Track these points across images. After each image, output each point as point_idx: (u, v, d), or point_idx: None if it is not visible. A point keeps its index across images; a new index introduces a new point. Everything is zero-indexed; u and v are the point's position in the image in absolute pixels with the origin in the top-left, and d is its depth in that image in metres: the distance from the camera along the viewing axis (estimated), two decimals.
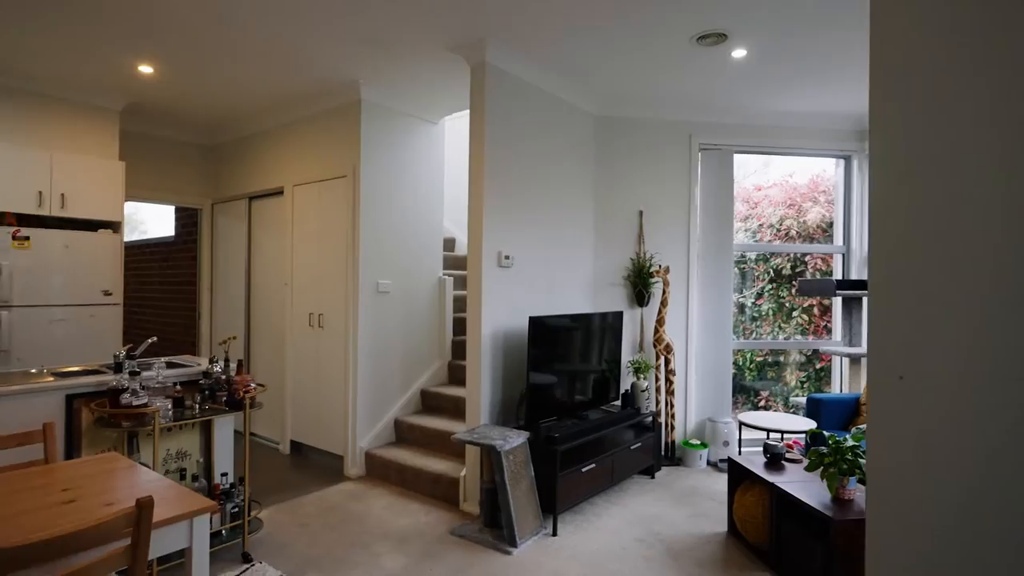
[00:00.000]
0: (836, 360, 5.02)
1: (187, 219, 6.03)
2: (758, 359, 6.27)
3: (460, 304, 5.00)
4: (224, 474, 2.96)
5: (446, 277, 4.78)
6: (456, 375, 4.69)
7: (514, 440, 3.13)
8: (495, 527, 3.20)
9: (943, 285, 0.73)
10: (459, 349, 4.78)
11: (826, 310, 6.33)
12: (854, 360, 4.53)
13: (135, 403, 2.49)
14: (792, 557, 2.67)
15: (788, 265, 6.41)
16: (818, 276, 6.17)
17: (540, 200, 3.91)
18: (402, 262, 4.43)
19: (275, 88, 4.16)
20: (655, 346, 4.37)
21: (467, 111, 4.89)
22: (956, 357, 0.71)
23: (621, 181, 4.55)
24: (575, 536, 3.16)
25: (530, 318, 3.33)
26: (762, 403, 6.41)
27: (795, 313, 6.43)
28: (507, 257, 3.59)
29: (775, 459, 3.15)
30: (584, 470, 3.38)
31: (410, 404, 4.48)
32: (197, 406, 2.78)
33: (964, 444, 0.71)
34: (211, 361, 2.94)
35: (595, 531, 3.23)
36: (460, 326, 4.89)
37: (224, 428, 3.08)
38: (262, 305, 5.00)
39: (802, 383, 6.48)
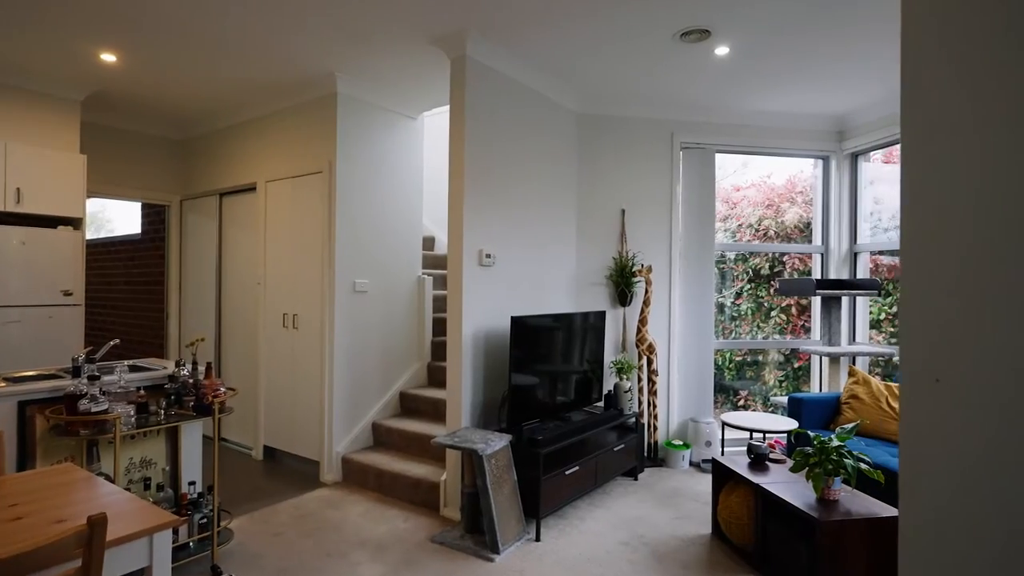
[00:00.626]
0: (815, 359, 5.05)
1: (154, 216, 5.81)
2: (737, 359, 6.30)
3: (440, 304, 4.90)
4: (192, 483, 2.81)
5: (425, 276, 4.67)
6: (436, 377, 4.59)
7: (496, 443, 3.05)
8: (477, 533, 3.11)
9: (978, 280, 0.67)
10: (439, 350, 4.68)
11: (804, 310, 6.38)
12: (833, 359, 4.55)
13: (94, 409, 2.34)
14: (777, 558, 2.64)
15: (767, 265, 6.45)
16: (796, 276, 6.22)
17: (522, 198, 3.83)
18: (380, 261, 4.31)
19: (248, 80, 4.01)
20: (638, 346, 4.33)
21: (447, 106, 4.81)
22: (996, 357, 0.65)
23: (603, 179, 4.50)
24: (559, 541, 3.09)
25: (512, 318, 3.25)
26: (741, 402, 6.43)
27: (773, 313, 6.47)
28: (488, 256, 3.51)
29: (759, 459, 3.12)
30: (568, 473, 3.31)
31: (388, 407, 4.36)
32: (163, 412, 2.63)
33: (1004, 451, 0.65)
34: (178, 364, 2.79)
35: (579, 535, 3.16)
36: (440, 326, 4.79)
37: (192, 435, 2.94)
38: (234, 305, 4.83)
39: (780, 382, 6.53)
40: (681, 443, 4.43)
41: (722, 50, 3.40)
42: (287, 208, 4.31)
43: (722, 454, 3.85)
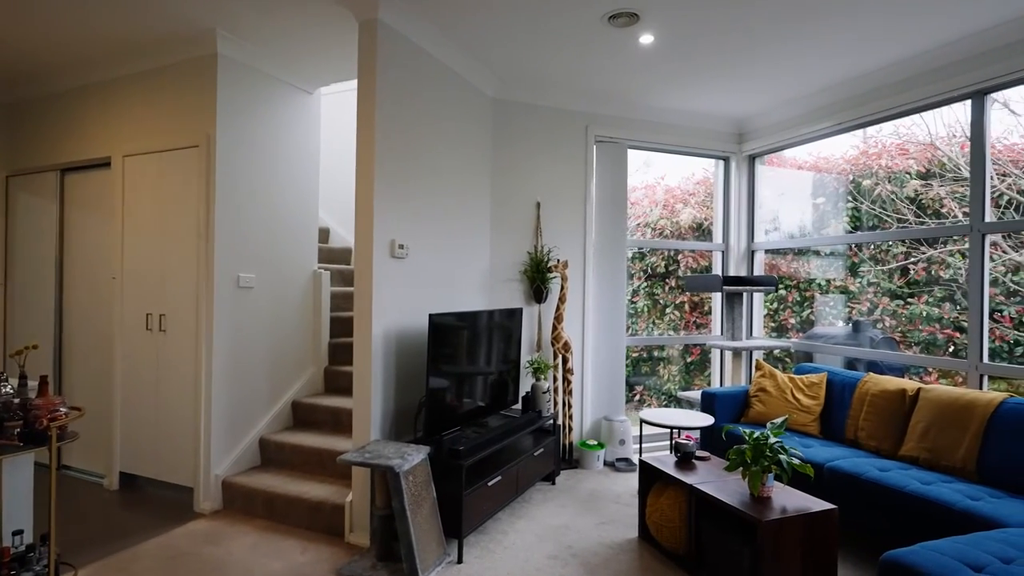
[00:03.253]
0: (715, 354, 5.21)
1: None
2: (633, 355, 6.39)
3: (339, 302, 4.42)
4: (18, 533, 2.18)
5: (322, 271, 4.17)
6: (334, 383, 4.11)
7: (414, 457, 2.71)
8: (391, 560, 2.74)
9: None
10: (337, 353, 4.21)
11: (696, 306, 6.64)
12: (736, 353, 4.69)
13: None
14: (715, 561, 2.56)
15: (663, 264, 6.63)
16: (690, 273, 6.45)
17: (435, 185, 3.50)
18: (269, 252, 3.76)
19: (101, 32, 3.29)
20: (553, 344, 4.16)
21: (346, 83, 4.34)
22: None
23: (519, 171, 4.28)
24: (483, 561, 2.81)
25: (431, 316, 2.92)
26: (637, 398, 6.56)
27: (668, 310, 6.66)
28: (401, 247, 3.14)
29: (686, 458, 3.06)
30: (490, 484, 3.04)
31: (279, 419, 3.82)
32: None
33: None
34: None
35: (504, 552, 2.90)
36: (339, 327, 4.31)
37: (18, 470, 2.29)
38: (80, 305, 4.00)
39: (675, 377, 6.74)
40: (595, 443, 4.34)
41: (647, 38, 3.31)
42: (152, 188, 3.62)
43: (640, 452, 3.79)
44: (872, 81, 3.83)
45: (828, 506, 2.45)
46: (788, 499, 2.52)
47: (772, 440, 2.46)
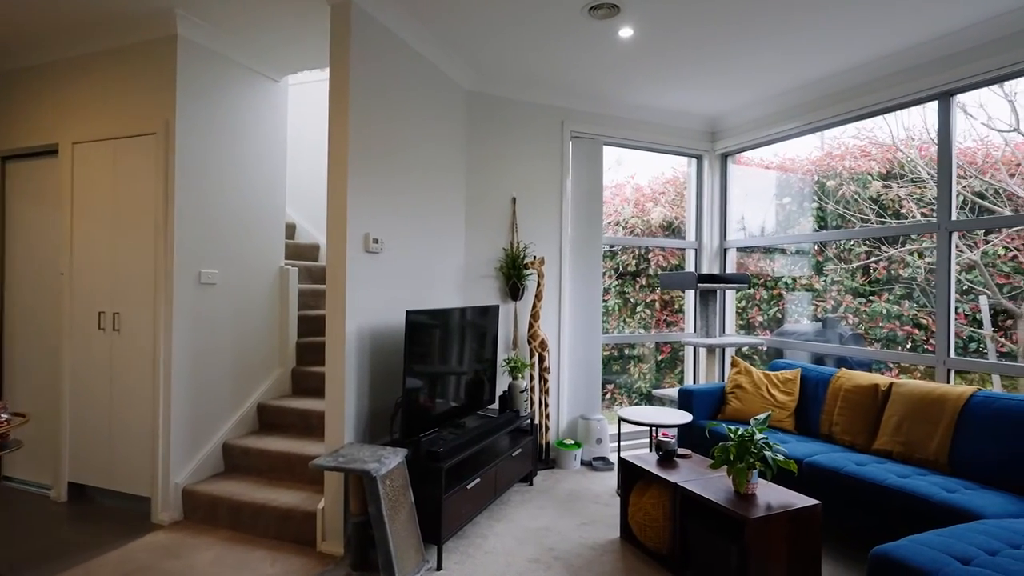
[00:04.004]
0: (688, 351, 5.23)
1: None
2: (604, 353, 6.38)
3: (306, 300, 4.25)
4: None
5: (290, 267, 3.99)
6: (303, 384, 3.94)
7: (391, 461, 2.59)
8: (367, 569, 2.62)
9: None
10: (306, 353, 4.03)
11: (666, 304, 6.68)
12: (710, 350, 4.72)
13: None
14: (701, 560, 2.53)
15: (633, 262, 6.65)
16: (660, 271, 6.48)
17: (410, 178, 3.38)
18: (234, 247, 3.57)
19: (49, 8, 3.05)
20: (530, 342, 4.09)
21: (310, 73, 4.18)
22: None
23: (494, 165, 4.19)
24: (464, 566, 2.72)
25: (407, 312, 2.80)
26: (608, 396, 6.55)
27: (639, 308, 6.69)
28: (376, 241, 3.01)
29: (668, 456, 3.03)
30: (469, 487, 2.95)
31: (244, 423, 3.63)
32: None
33: None
34: None
35: (485, 557, 2.81)
36: (307, 325, 4.14)
37: None
38: (23, 303, 3.72)
39: (645, 375, 6.77)
40: (572, 442, 4.28)
41: (626, 31, 3.27)
42: (105, 178, 3.38)
43: (619, 451, 3.75)
44: (843, 81, 3.89)
45: (812, 502, 2.44)
46: (772, 495, 2.51)
47: (758, 437, 2.45)
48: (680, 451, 3.09)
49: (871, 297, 5.01)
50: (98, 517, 3.23)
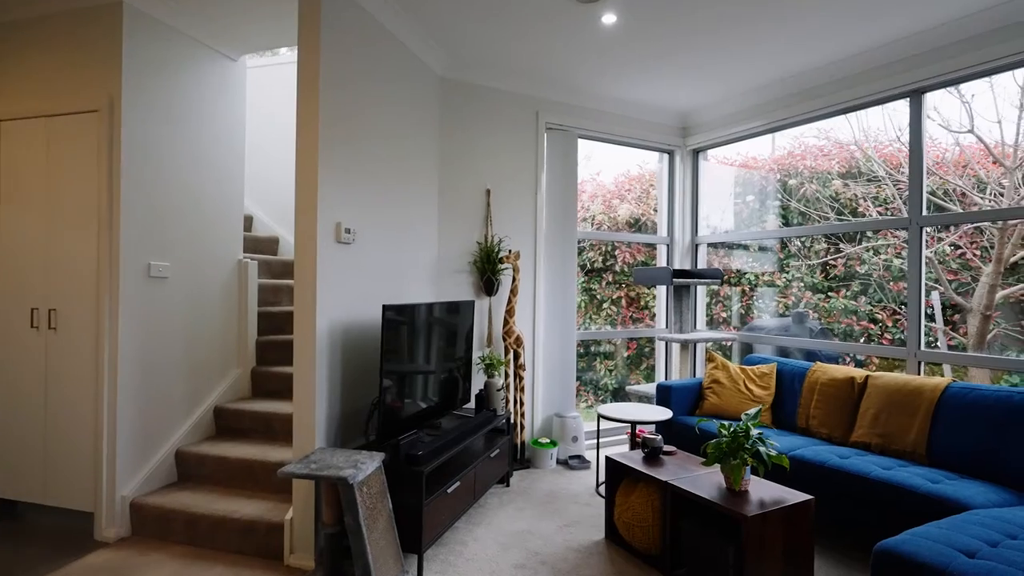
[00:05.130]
0: (659, 347, 5.21)
1: None
2: None
3: (265, 295, 3.98)
4: None
5: (249, 260, 3.72)
6: (264, 385, 3.68)
7: (367, 466, 2.40)
8: None
9: None
10: (266, 352, 3.77)
11: (632, 301, 6.68)
12: (684, 346, 4.70)
13: None
14: (695, 560, 2.45)
15: (600, 259, 6.62)
16: (626, 268, 6.48)
17: (382, 166, 3.19)
18: (187, 238, 3.28)
19: None
20: (505, 339, 3.95)
21: (275, 52, 3.91)
22: None
23: (468, 155, 4.03)
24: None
25: (384, 307, 2.62)
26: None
27: (604, 305, 6.66)
28: (348, 231, 2.81)
29: (653, 453, 2.95)
30: (450, 492, 2.79)
31: (200, 428, 3.35)
32: None
33: None
34: None
35: (467, 564, 2.66)
36: (268, 322, 3.88)
37: None
38: None
39: (611, 371, 6.75)
40: (548, 441, 4.17)
41: (610, 17, 3.17)
42: (39, 159, 3.04)
43: (598, 448, 3.67)
44: (814, 78, 3.91)
45: (805, 497, 2.40)
46: (764, 491, 2.46)
47: (754, 432, 2.39)
48: (666, 448, 3.02)
49: (830, 293, 5.12)
50: (31, 536, 2.90)
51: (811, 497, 2.40)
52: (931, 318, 4.53)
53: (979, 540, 1.90)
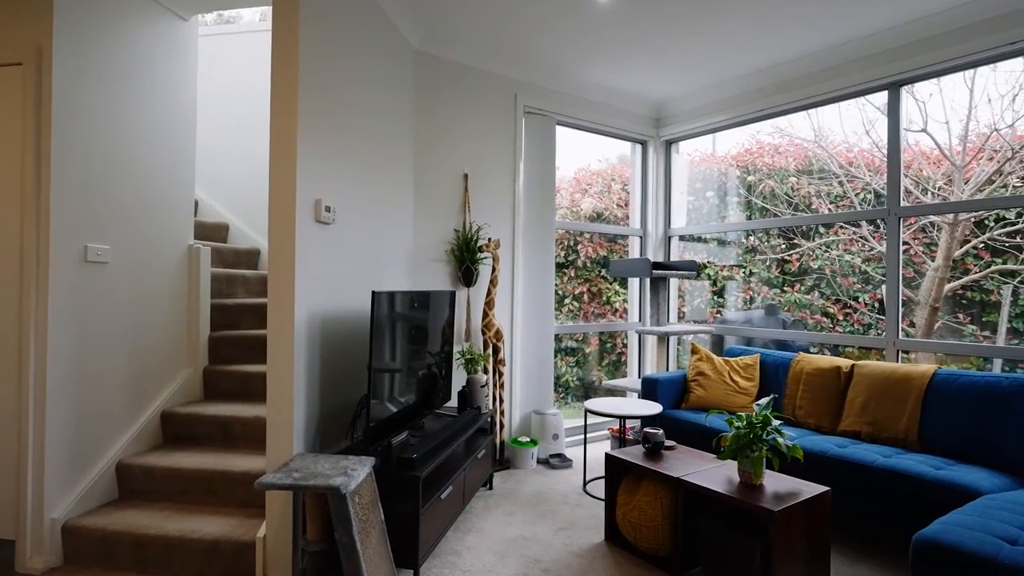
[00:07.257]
0: (632, 341, 5.13)
1: None
2: None
3: (219, 286, 3.59)
4: None
5: (201, 247, 3.31)
6: (218, 386, 3.29)
7: (358, 473, 2.12)
8: None
9: None
10: (221, 349, 3.38)
11: (594, 296, 6.60)
12: (660, 339, 4.62)
13: None
14: (716, 561, 2.32)
15: (562, 254, 6.50)
16: (589, 262, 6.39)
17: (360, 143, 2.89)
18: (130, 218, 2.86)
19: None
20: (484, 332, 3.73)
21: (227, 11, 3.51)
22: None
23: (444, 137, 3.77)
24: None
25: (374, 293, 2.34)
26: None
27: (567, 300, 6.55)
28: (328, 209, 2.51)
29: (655, 449, 2.81)
30: (443, 498, 2.54)
31: (145, 436, 2.93)
32: None
33: None
34: None
35: None
36: (222, 316, 3.48)
37: None
38: None
39: (572, 367, 6.64)
40: (528, 440, 3.98)
41: None
42: None
43: (585, 445, 3.51)
44: (791, 70, 3.91)
45: (821, 488, 2.32)
46: (779, 484, 2.37)
47: (773, 423, 2.28)
48: (667, 443, 2.89)
49: (785, 288, 5.21)
50: None
51: (827, 488, 2.32)
52: (882, 312, 4.67)
53: (1012, 526, 1.86)
